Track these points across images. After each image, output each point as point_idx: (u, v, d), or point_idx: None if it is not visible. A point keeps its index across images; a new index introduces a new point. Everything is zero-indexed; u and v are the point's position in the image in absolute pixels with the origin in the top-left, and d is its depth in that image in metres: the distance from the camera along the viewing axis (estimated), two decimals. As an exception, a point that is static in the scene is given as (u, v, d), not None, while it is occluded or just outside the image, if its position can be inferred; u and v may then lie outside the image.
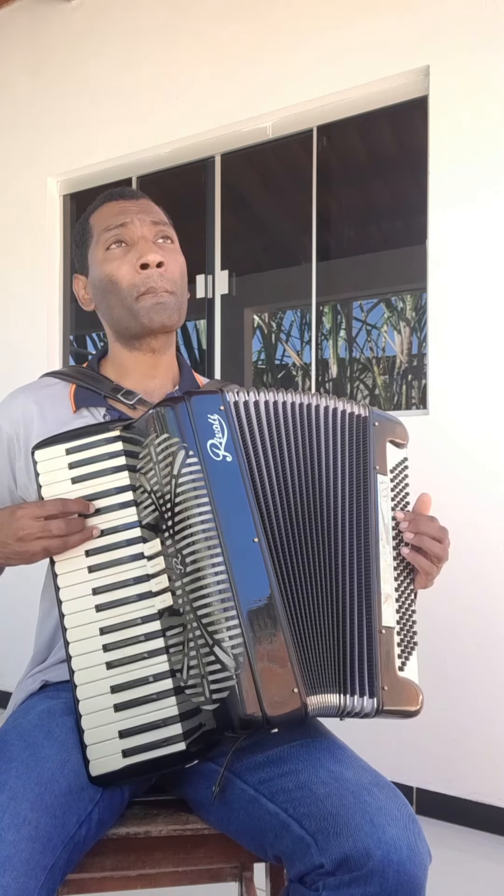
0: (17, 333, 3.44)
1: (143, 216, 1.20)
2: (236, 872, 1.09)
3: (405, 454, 1.12)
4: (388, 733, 2.36)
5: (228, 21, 2.85)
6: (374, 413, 1.08)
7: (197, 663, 0.91)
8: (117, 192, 1.26)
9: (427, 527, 1.04)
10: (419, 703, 0.99)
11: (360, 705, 0.94)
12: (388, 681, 0.96)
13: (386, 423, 1.09)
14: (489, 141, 2.32)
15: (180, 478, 0.94)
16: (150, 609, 0.95)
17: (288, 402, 1.02)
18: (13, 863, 0.78)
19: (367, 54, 2.54)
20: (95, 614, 0.95)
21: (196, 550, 0.92)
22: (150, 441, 0.97)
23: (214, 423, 0.96)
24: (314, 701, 0.91)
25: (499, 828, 2.24)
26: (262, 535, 0.94)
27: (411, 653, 1.01)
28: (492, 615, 2.27)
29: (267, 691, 0.88)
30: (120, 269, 1.18)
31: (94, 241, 1.22)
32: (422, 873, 0.83)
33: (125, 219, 1.19)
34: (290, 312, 3.33)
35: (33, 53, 3.43)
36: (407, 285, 2.96)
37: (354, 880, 0.82)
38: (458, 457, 2.35)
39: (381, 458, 1.06)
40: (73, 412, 1.19)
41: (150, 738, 0.92)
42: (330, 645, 0.96)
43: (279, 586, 0.93)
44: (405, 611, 1.03)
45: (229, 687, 0.89)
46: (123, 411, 1.20)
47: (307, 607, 0.95)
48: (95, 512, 0.98)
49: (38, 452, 1.01)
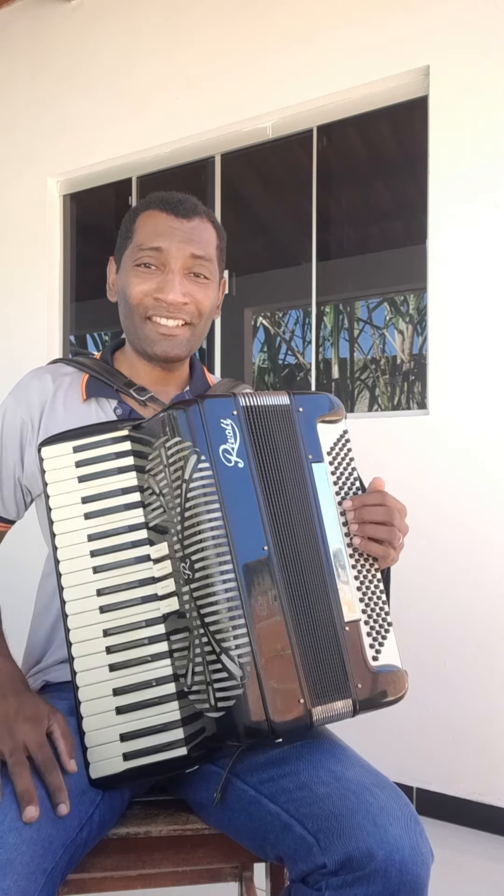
0: (17, 333, 3.44)
1: (183, 246, 1.15)
2: (236, 872, 1.09)
3: (342, 427, 1.05)
4: (388, 733, 2.36)
5: (228, 21, 2.85)
6: (295, 398, 1.02)
7: (202, 670, 0.90)
8: (176, 201, 1.18)
9: (371, 513, 0.98)
10: (402, 689, 0.96)
11: (336, 709, 0.92)
12: (361, 677, 0.93)
13: (310, 404, 1.02)
14: (489, 140, 2.32)
15: (191, 482, 0.92)
16: (155, 612, 0.95)
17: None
18: (14, 866, 0.78)
19: (367, 54, 2.54)
20: (99, 615, 0.94)
21: (205, 557, 0.91)
22: (160, 443, 0.96)
23: (227, 429, 0.95)
24: (320, 711, 0.90)
25: (498, 828, 2.24)
26: (270, 544, 0.93)
27: (385, 637, 0.98)
28: (491, 615, 2.27)
29: (273, 702, 0.87)
30: (138, 286, 1.15)
31: (131, 245, 1.18)
32: (424, 873, 0.83)
33: (164, 244, 1.14)
34: (294, 312, 3.33)
35: (33, 54, 3.42)
36: (407, 285, 2.96)
37: (357, 880, 0.82)
38: (458, 457, 2.35)
39: (314, 444, 1.01)
40: (83, 401, 1.19)
41: (152, 742, 0.91)
42: (326, 651, 0.94)
43: (287, 596, 0.92)
44: (370, 597, 0.99)
45: (236, 696, 0.88)
46: (134, 407, 1.19)
47: (309, 616, 0.94)
48: (101, 512, 0.97)
49: (44, 450, 1.00)
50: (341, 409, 1.05)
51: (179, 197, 1.19)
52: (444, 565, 2.33)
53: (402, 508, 1.01)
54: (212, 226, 1.20)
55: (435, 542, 2.33)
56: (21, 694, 0.96)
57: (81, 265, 3.47)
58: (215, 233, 1.21)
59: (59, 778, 0.87)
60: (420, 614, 2.34)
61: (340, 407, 1.05)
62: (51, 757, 0.88)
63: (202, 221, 1.18)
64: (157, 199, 1.19)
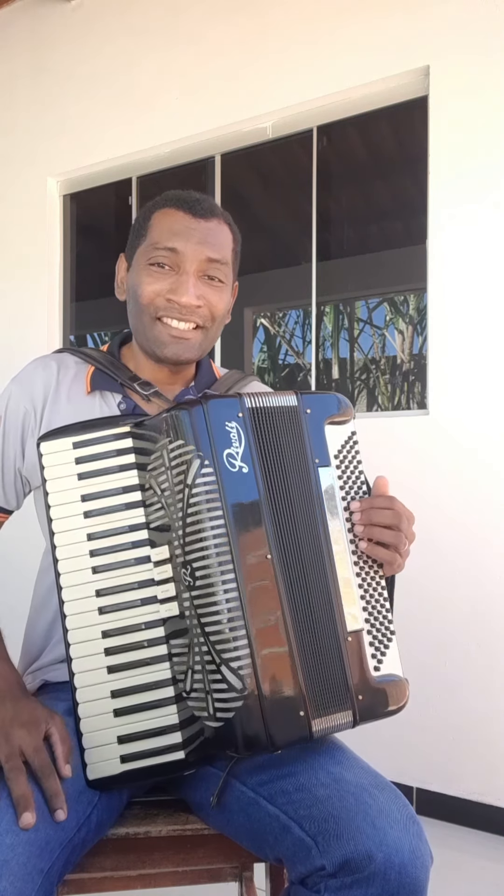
0: (17, 333, 3.43)
1: (199, 248, 1.11)
2: (236, 872, 1.09)
3: (350, 428, 1.01)
4: (388, 734, 2.36)
5: (228, 21, 2.85)
6: (303, 398, 0.98)
7: (202, 678, 0.89)
8: (193, 200, 1.14)
9: (379, 516, 0.96)
10: (403, 699, 0.95)
11: (336, 721, 0.91)
12: (362, 688, 0.92)
13: (319, 405, 0.99)
14: (489, 140, 2.32)
15: (194, 488, 0.90)
16: (155, 615, 0.93)
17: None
18: (10, 867, 0.78)
19: (367, 54, 2.54)
20: (98, 617, 0.93)
21: (207, 566, 0.89)
22: (162, 444, 0.93)
23: (232, 431, 0.92)
24: (320, 723, 0.89)
25: (498, 828, 2.24)
26: (274, 552, 0.90)
27: (388, 646, 0.97)
28: (491, 615, 2.27)
29: (273, 715, 0.87)
30: (150, 286, 1.12)
31: (144, 243, 1.14)
32: (423, 875, 0.83)
33: (179, 245, 1.10)
34: (294, 312, 3.33)
35: (33, 54, 3.42)
36: (407, 285, 2.96)
37: (356, 882, 0.82)
38: (458, 457, 2.35)
39: (321, 448, 0.97)
40: (87, 393, 1.16)
41: (150, 745, 0.91)
42: (328, 663, 0.93)
43: (290, 606, 0.90)
44: (374, 605, 0.98)
45: (235, 708, 0.87)
46: (138, 402, 1.16)
47: (311, 627, 0.92)
48: (101, 511, 0.95)
49: (43, 445, 0.97)
50: (350, 408, 1.02)
51: (197, 196, 1.16)
52: (444, 565, 2.33)
53: (411, 515, 1.00)
54: (228, 228, 1.16)
55: (435, 542, 2.33)
56: (18, 699, 0.95)
57: (81, 265, 3.47)
58: (231, 236, 1.17)
59: (56, 783, 0.86)
60: (420, 614, 2.33)
61: (349, 406, 1.02)
62: (48, 762, 0.87)
63: (219, 223, 1.14)
64: (174, 197, 1.15)
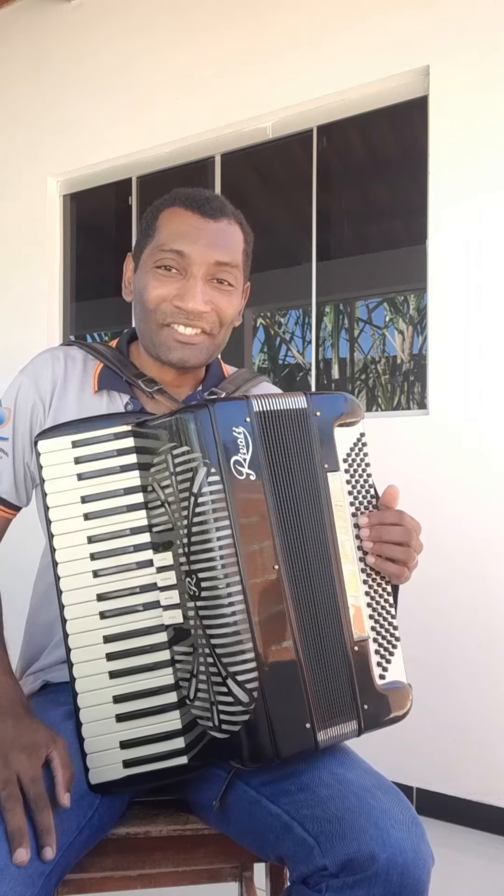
0: (17, 333, 3.43)
1: (208, 251, 1.07)
2: (236, 872, 1.08)
3: (359, 430, 0.98)
4: (388, 734, 2.36)
5: (228, 21, 2.85)
6: (312, 400, 0.94)
7: (207, 688, 0.88)
8: (202, 199, 1.10)
9: (389, 533, 0.94)
10: (407, 705, 0.95)
11: (341, 731, 0.91)
12: (368, 697, 0.92)
13: (328, 407, 0.96)
14: (489, 140, 2.32)
15: (200, 497, 0.87)
16: (158, 620, 0.91)
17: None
18: (10, 871, 0.77)
19: (367, 54, 2.54)
20: (99, 621, 0.91)
21: (213, 577, 0.87)
22: (167, 449, 0.90)
23: (239, 437, 0.88)
24: (325, 734, 0.89)
25: (499, 828, 2.24)
26: (281, 563, 0.88)
27: (393, 653, 0.96)
28: (491, 615, 2.27)
29: (280, 728, 0.86)
30: (157, 290, 1.08)
31: (151, 244, 1.10)
32: (425, 876, 0.83)
33: (186, 247, 1.06)
34: (294, 312, 3.33)
35: (33, 53, 3.42)
36: (407, 285, 2.96)
37: (358, 882, 0.82)
38: (458, 457, 2.35)
39: (330, 452, 0.95)
40: (94, 392, 1.13)
41: (152, 750, 0.90)
42: (334, 674, 0.92)
43: (297, 618, 0.89)
44: (380, 613, 0.97)
45: (242, 722, 0.86)
46: (145, 403, 1.13)
47: (319, 638, 0.91)
48: (102, 513, 0.92)
49: (41, 443, 0.94)
50: (359, 408, 0.99)
51: (206, 194, 1.12)
52: (444, 565, 2.33)
53: (418, 526, 0.98)
54: (239, 228, 1.13)
55: (435, 541, 2.32)
56: (20, 718, 0.92)
57: (81, 265, 3.47)
58: (242, 236, 1.14)
59: (49, 818, 0.81)
60: (420, 614, 2.33)
61: (358, 406, 0.99)
62: (43, 794, 0.83)
63: (230, 223, 1.11)
64: (182, 196, 1.11)
